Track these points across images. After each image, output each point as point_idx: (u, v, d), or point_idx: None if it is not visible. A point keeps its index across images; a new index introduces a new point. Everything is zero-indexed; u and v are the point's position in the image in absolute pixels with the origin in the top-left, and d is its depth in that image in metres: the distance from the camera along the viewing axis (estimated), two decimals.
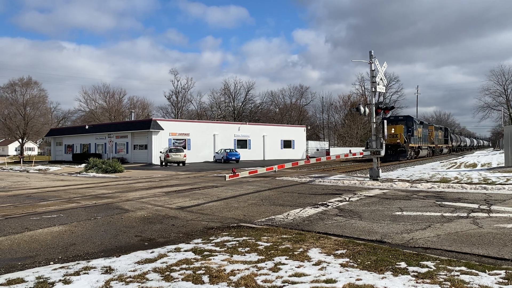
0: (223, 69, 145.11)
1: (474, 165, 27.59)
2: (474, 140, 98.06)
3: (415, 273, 4.47)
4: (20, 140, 72.27)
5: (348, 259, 5.08)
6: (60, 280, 4.38)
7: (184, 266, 4.85)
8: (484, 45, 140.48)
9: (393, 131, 33.74)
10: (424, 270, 4.58)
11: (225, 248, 5.70)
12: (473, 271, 4.55)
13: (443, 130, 53.98)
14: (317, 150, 58.53)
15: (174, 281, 4.32)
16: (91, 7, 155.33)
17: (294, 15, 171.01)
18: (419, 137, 38.21)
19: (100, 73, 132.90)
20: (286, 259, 5.11)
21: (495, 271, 4.52)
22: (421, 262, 4.89)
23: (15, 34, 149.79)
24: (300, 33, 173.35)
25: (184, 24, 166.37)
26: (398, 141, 33.58)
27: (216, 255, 5.32)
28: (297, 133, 53.10)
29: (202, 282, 4.27)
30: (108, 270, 4.77)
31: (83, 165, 29.74)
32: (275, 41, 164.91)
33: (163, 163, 33.97)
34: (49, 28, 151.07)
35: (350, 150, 46.19)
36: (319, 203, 10.34)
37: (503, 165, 23.17)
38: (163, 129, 39.82)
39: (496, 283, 4.15)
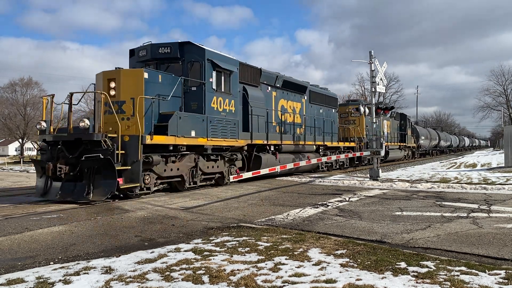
0: None
1: (474, 165, 27.62)
2: (466, 139, 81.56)
3: (415, 273, 4.48)
4: (20, 140, 72.23)
5: (348, 259, 5.09)
6: (60, 280, 4.38)
7: (184, 266, 4.85)
8: (487, 46, 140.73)
9: (112, 86, 10.68)
10: (424, 270, 4.59)
11: (225, 248, 5.70)
12: (473, 271, 4.55)
13: (396, 118, 32.66)
14: None
15: (174, 281, 4.32)
16: (97, 8, 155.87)
17: (298, 16, 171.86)
18: (268, 121, 15.71)
19: None
20: (286, 259, 5.12)
21: (495, 271, 4.53)
22: (421, 262, 4.89)
23: (19, 34, 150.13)
24: (304, 33, 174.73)
25: (189, 25, 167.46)
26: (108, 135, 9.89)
27: (216, 255, 5.32)
28: None
29: (202, 282, 4.28)
30: (108, 270, 4.77)
31: None
32: (278, 41, 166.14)
33: None
34: (53, 28, 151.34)
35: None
36: (319, 203, 10.34)
37: (503, 165, 23.19)
38: None
39: (496, 283, 4.16)
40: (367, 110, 19.23)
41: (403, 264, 4.82)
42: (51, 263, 5.27)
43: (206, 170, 12.89)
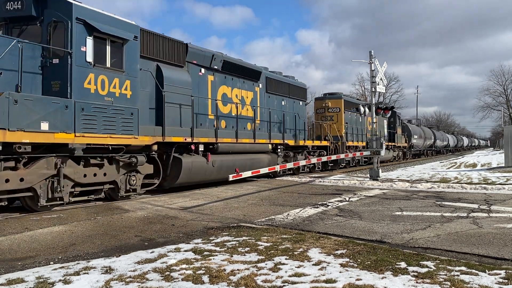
0: None
1: (474, 165, 27.65)
2: (464, 138, 79.92)
3: (415, 273, 4.48)
4: None
5: (348, 259, 5.09)
6: (60, 280, 4.38)
7: (184, 266, 4.85)
8: (487, 46, 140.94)
9: None
10: (424, 270, 4.59)
11: (225, 248, 5.70)
12: (473, 271, 4.56)
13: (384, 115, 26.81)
14: None
15: (174, 281, 4.32)
16: (97, 8, 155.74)
17: (299, 16, 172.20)
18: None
19: None
20: (286, 259, 5.12)
21: (495, 271, 4.53)
22: (421, 262, 4.89)
23: None
24: (304, 33, 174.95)
25: (190, 24, 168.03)
26: None
27: (216, 255, 5.32)
28: None
29: (202, 282, 4.28)
30: (108, 270, 4.77)
31: None
32: (278, 41, 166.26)
33: None
34: None
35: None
36: (319, 203, 10.34)
37: (503, 165, 23.20)
38: None
39: (496, 283, 4.16)
40: (367, 110, 19.22)
41: (403, 264, 4.82)
42: (51, 263, 5.27)
43: (83, 180, 9.03)
